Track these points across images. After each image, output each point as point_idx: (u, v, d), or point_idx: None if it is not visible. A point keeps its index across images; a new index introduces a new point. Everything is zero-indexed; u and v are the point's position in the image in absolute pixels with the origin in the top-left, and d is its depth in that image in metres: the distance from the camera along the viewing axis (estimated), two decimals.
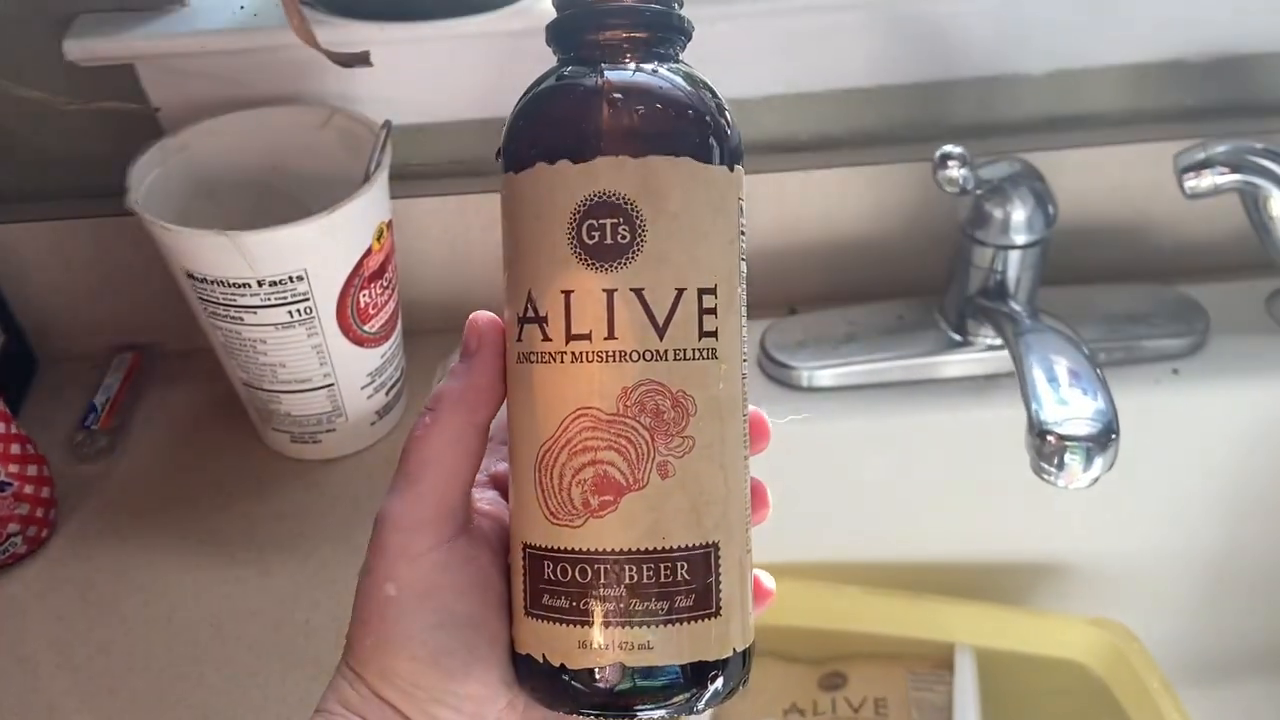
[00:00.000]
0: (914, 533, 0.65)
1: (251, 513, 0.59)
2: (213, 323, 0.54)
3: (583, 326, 0.27)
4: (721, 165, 0.28)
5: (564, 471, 0.27)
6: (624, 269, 0.27)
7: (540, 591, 0.28)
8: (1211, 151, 0.57)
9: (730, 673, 0.28)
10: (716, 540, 0.28)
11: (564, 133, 0.27)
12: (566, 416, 0.27)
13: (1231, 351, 0.61)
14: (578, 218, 0.27)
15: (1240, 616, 0.69)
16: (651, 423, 0.27)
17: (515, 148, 0.28)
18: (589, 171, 0.27)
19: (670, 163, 0.27)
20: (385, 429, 0.62)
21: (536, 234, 0.28)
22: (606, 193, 0.27)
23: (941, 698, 0.62)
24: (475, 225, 0.64)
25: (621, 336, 0.27)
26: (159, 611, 0.54)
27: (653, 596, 0.27)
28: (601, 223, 0.27)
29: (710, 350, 0.28)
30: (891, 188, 0.63)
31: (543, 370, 0.28)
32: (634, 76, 0.27)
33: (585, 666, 0.27)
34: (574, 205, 0.27)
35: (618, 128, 0.27)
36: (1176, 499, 0.64)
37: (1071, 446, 0.44)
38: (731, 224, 0.28)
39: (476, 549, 0.30)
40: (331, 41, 0.54)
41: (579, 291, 0.27)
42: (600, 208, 0.27)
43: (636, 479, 0.27)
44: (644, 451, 0.27)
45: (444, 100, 0.61)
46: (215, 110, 0.58)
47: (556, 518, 0.28)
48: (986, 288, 0.58)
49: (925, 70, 0.62)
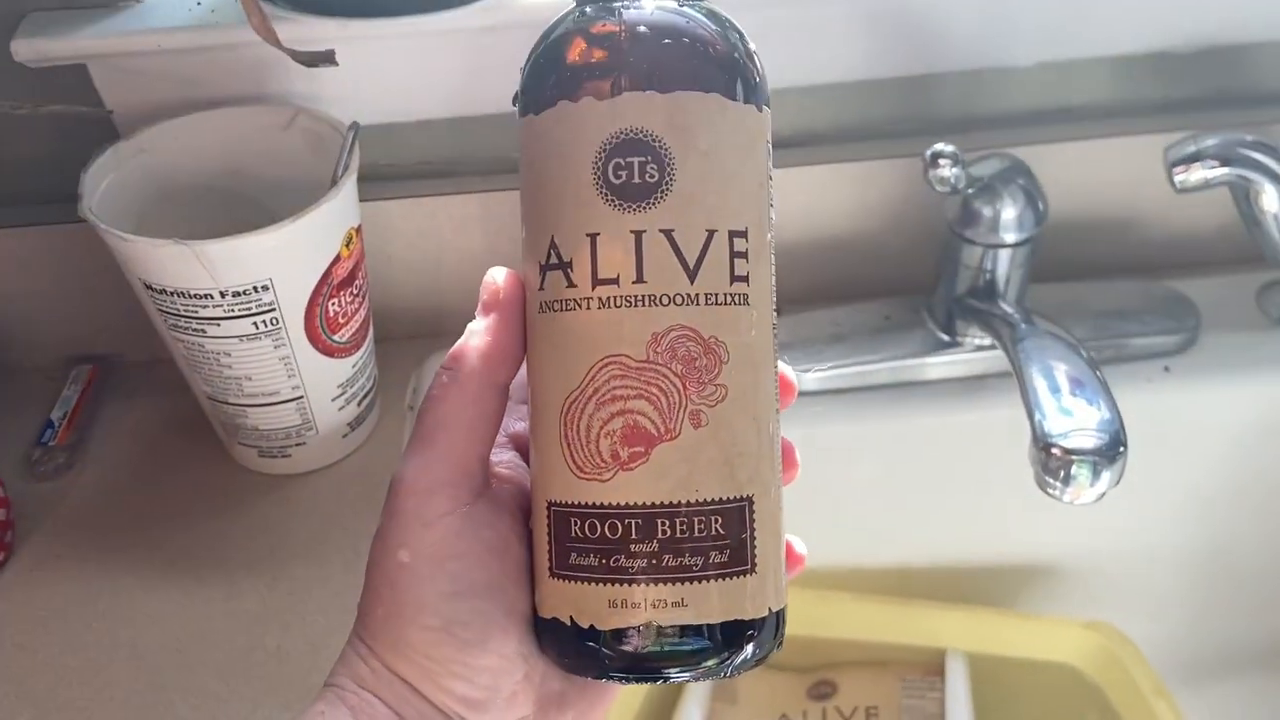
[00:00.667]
0: (903, 537, 0.64)
1: (218, 531, 0.56)
2: (174, 335, 0.52)
3: (610, 270, 0.26)
4: (750, 104, 0.27)
5: (591, 423, 0.26)
6: (652, 209, 0.26)
7: (567, 550, 0.27)
8: (1202, 145, 0.56)
9: (764, 635, 0.27)
10: (751, 494, 0.27)
11: (588, 69, 0.26)
12: (594, 365, 0.26)
13: (1223, 348, 0.60)
14: (603, 156, 0.26)
15: (1234, 615, 0.68)
16: (683, 370, 0.26)
17: (536, 87, 0.27)
18: (615, 108, 0.26)
19: (700, 99, 0.26)
20: (358, 441, 0.60)
21: (559, 176, 0.26)
22: (634, 129, 0.26)
23: (934, 705, 0.61)
24: (448, 228, 0.62)
25: (651, 280, 0.26)
26: (123, 637, 0.52)
27: (686, 552, 0.26)
28: (629, 161, 0.26)
29: (742, 296, 0.26)
30: (877, 184, 0.62)
31: (567, 318, 0.26)
32: (660, 11, 0.26)
33: (616, 626, 0.26)
34: (599, 144, 0.26)
35: (645, 62, 0.26)
36: (1169, 499, 0.64)
37: (1078, 460, 0.42)
38: (761, 166, 0.27)
39: (495, 514, 0.28)
40: (294, 39, 0.51)
41: (605, 234, 0.26)
42: (627, 145, 0.26)
43: (668, 429, 0.26)
44: (676, 400, 0.26)
45: (412, 99, 0.59)
46: (173, 112, 0.55)
47: (584, 471, 0.26)
48: (976, 287, 0.57)
49: (910, 64, 0.60)
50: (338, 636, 0.50)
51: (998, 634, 0.62)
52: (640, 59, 0.26)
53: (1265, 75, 0.63)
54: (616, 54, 0.26)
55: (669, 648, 0.26)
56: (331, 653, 0.50)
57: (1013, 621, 0.63)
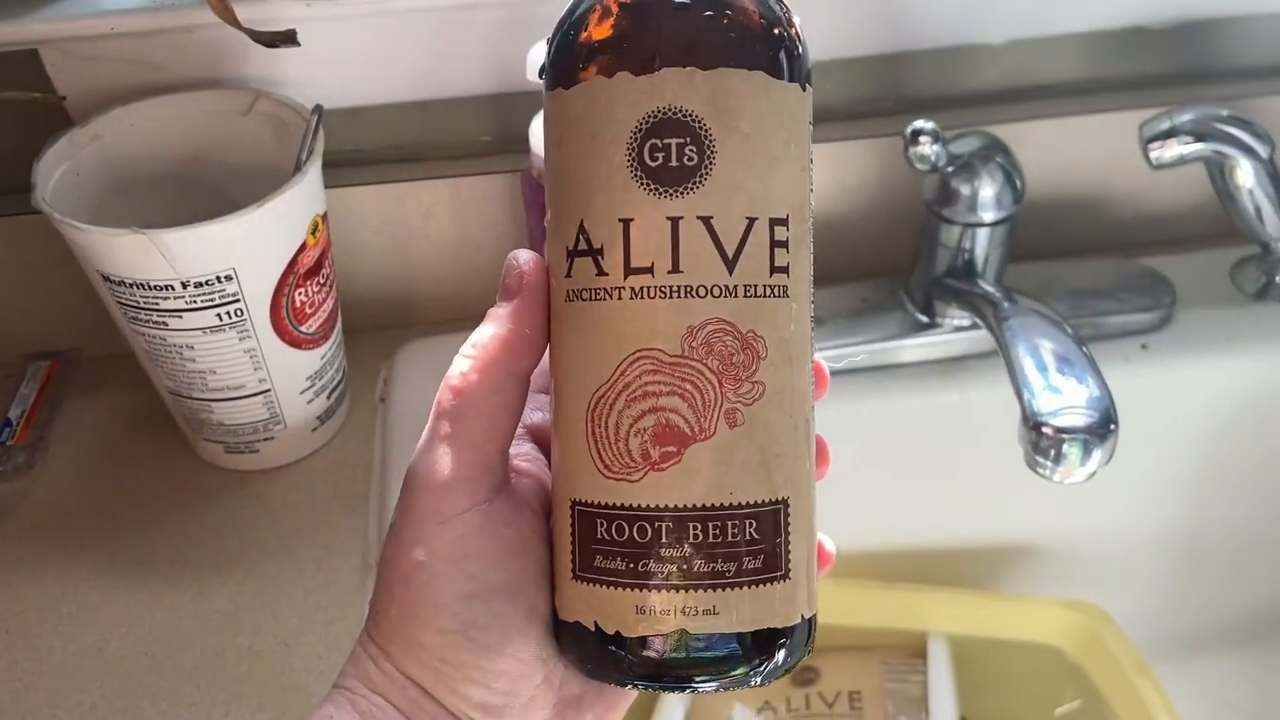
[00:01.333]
0: (883, 520, 0.64)
1: (185, 530, 0.55)
2: (134, 328, 0.50)
3: (644, 259, 0.24)
4: (794, 83, 0.25)
5: (621, 420, 0.25)
6: (690, 194, 0.24)
7: (592, 553, 0.25)
8: (1177, 120, 0.55)
9: (795, 642, 0.26)
10: (786, 496, 0.25)
11: (624, 42, 0.24)
12: (624, 359, 0.25)
13: (1200, 325, 0.60)
14: (639, 137, 0.24)
15: (1212, 591, 0.68)
16: (719, 366, 0.25)
17: (566, 60, 0.25)
18: (653, 84, 0.24)
19: (744, 77, 0.24)
20: (328, 434, 0.58)
21: (591, 156, 0.25)
22: (673, 108, 0.24)
23: (916, 688, 0.61)
24: (417, 214, 0.60)
25: (687, 270, 0.24)
26: (88, 642, 0.50)
27: (719, 557, 0.25)
28: (666, 142, 0.24)
29: (782, 288, 0.25)
30: (853, 165, 0.61)
31: (597, 308, 0.25)
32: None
33: (643, 634, 0.25)
34: (635, 123, 0.24)
35: (686, 36, 0.24)
36: (1148, 477, 0.64)
37: (1069, 439, 0.42)
38: (804, 149, 0.26)
39: (515, 510, 0.27)
40: (254, 20, 0.50)
41: (640, 219, 0.24)
42: (665, 125, 0.24)
43: (702, 428, 0.24)
44: (711, 398, 0.24)
45: (379, 81, 0.58)
46: (128, 97, 0.54)
47: (612, 471, 0.25)
48: (954, 267, 0.56)
49: (884, 42, 0.60)
50: (311, 635, 0.50)
51: (979, 616, 0.62)
52: (681, 33, 0.24)
53: (1239, 50, 0.63)
54: (656, 27, 0.24)
55: (696, 656, 0.25)
56: (304, 653, 0.49)
57: (994, 603, 0.63)
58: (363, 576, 0.52)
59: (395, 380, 0.60)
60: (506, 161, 0.59)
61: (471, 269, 0.63)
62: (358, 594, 0.51)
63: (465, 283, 0.63)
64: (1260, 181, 0.56)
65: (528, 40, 0.53)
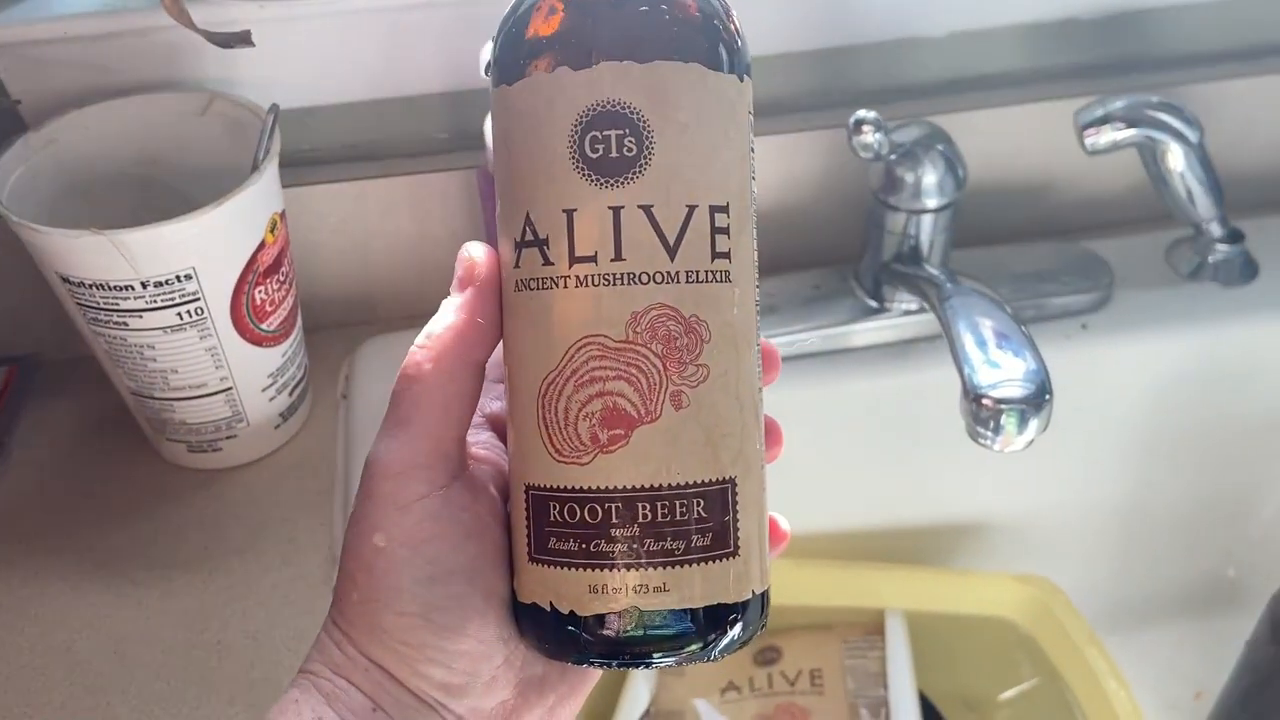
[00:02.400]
0: (839, 501, 0.65)
1: (150, 530, 0.55)
2: (94, 329, 0.51)
3: (587, 247, 0.25)
4: (732, 74, 0.26)
5: (570, 404, 0.25)
6: (631, 184, 0.25)
7: (546, 535, 0.26)
8: (1110, 108, 0.57)
9: (749, 617, 0.27)
10: (733, 475, 0.26)
11: (562, 37, 0.25)
12: (571, 345, 0.25)
13: (1137, 304, 0.62)
14: (579, 129, 0.25)
15: (1156, 562, 0.71)
16: (663, 350, 0.25)
17: (508, 57, 0.26)
18: (591, 78, 0.25)
19: (679, 69, 0.25)
20: (291, 431, 0.59)
21: (534, 150, 0.26)
22: (611, 101, 0.25)
23: (875, 664, 0.62)
24: (375, 212, 0.61)
25: (630, 257, 0.25)
26: (56, 642, 0.51)
27: (668, 536, 0.25)
28: (606, 134, 0.25)
29: (724, 273, 0.26)
30: (801, 156, 0.62)
31: (544, 297, 0.26)
32: None
33: (597, 612, 0.26)
34: (575, 116, 0.25)
35: (622, 30, 0.25)
36: (1092, 452, 0.66)
37: (1006, 410, 0.44)
38: (743, 138, 0.27)
39: (472, 496, 0.28)
40: (208, 21, 0.50)
41: (582, 210, 0.25)
42: (604, 118, 0.25)
43: (649, 411, 0.25)
44: (656, 381, 0.25)
45: (334, 81, 0.58)
46: (83, 100, 0.54)
47: (562, 454, 0.26)
48: (901, 253, 0.58)
49: (830, 36, 0.61)
50: (279, 629, 0.50)
51: (934, 591, 0.64)
52: (617, 27, 0.25)
53: (1168, 38, 0.65)
54: (593, 22, 0.25)
55: (651, 633, 0.26)
56: (273, 646, 0.50)
57: (948, 579, 0.65)
58: (329, 570, 0.53)
59: (357, 376, 0.61)
60: (463, 158, 0.60)
61: (430, 265, 0.63)
62: (324, 587, 0.52)
63: (425, 279, 0.64)
64: (1190, 165, 0.59)
65: (481, 38, 0.54)
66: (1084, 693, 0.58)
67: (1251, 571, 0.71)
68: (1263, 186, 0.69)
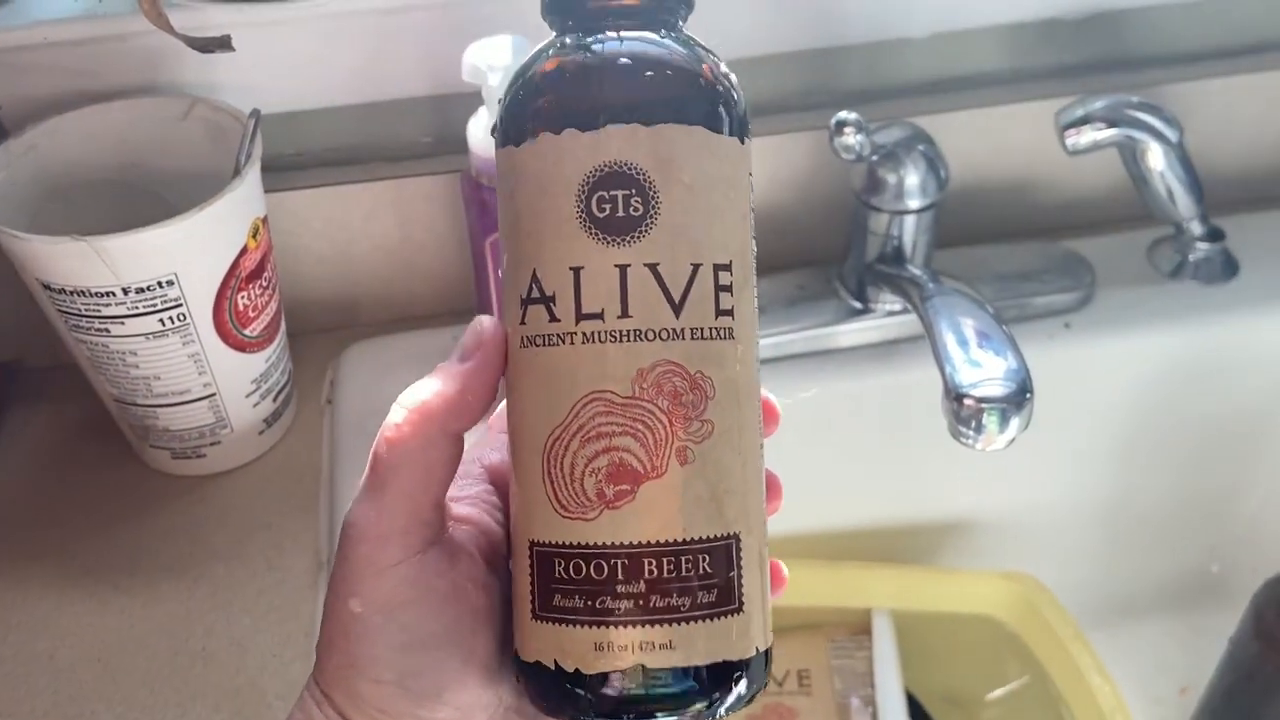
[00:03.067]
0: (824, 501, 0.65)
1: (134, 537, 0.55)
2: (76, 336, 0.50)
3: (594, 305, 0.25)
4: (733, 137, 0.27)
5: (576, 460, 0.26)
6: (637, 243, 0.25)
7: (551, 592, 0.26)
8: (1090, 108, 0.58)
9: (753, 674, 0.27)
10: (737, 531, 0.26)
11: (571, 101, 0.26)
12: (578, 401, 0.26)
13: (1119, 303, 0.63)
14: (587, 189, 0.25)
15: (1140, 558, 0.71)
16: (669, 405, 0.26)
17: (516, 119, 0.27)
18: (599, 140, 0.25)
19: (684, 131, 0.26)
20: (275, 437, 0.59)
21: (541, 208, 0.26)
22: (618, 163, 0.25)
23: (862, 663, 0.62)
24: (357, 216, 0.61)
25: (636, 314, 0.25)
26: (39, 650, 0.50)
27: (674, 592, 0.25)
28: (613, 194, 0.25)
29: (727, 330, 0.26)
30: (784, 157, 0.63)
31: (550, 353, 0.26)
32: (642, 43, 0.26)
33: (602, 670, 0.26)
34: (583, 176, 0.25)
35: (628, 94, 0.26)
36: (1075, 449, 0.66)
37: (988, 409, 0.44)
38: (744, 198, 0.27)
39: (450, 561, 0.27)
40: (188, 26, 0.50)
41: (589, 268, 0.25)
42: (611, 178, 0.25)
43: (654, 466, 0.25)
44: (662, 437, 0.26)
45: (316, 85, 0.58)
46: (63, 106, 0.54)
47: (568, 510, 0.26)
48: (884, 253, 0.58)
49: (811, 37, 0.61)
50: (264, 635, 0.50)
51: (920, 590, 0.64)
52: (625, 91, 0.26)
53: (1148, 39, 0.66)
54: (600, 86, 0.26)
55: (656, 691, 0.26)
56: (258, 652, 0.49)
57: (934, 577, 0.65)
58: (315, 575, 0.53)
59: (341, 381, 0.61)
60: (446, 162, 0.60)
61: (414, 269, 0.63)
62: (310, 592, 0.52)
63: (408, 283, 0.64)
64: (1171, 165, 0.59)
65: (463, 42, 0.53)
66: (1069, 689, 0.59)
67: (1235, 567, 0.71)
68: (1242, 185, 0.70)
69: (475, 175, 0.55)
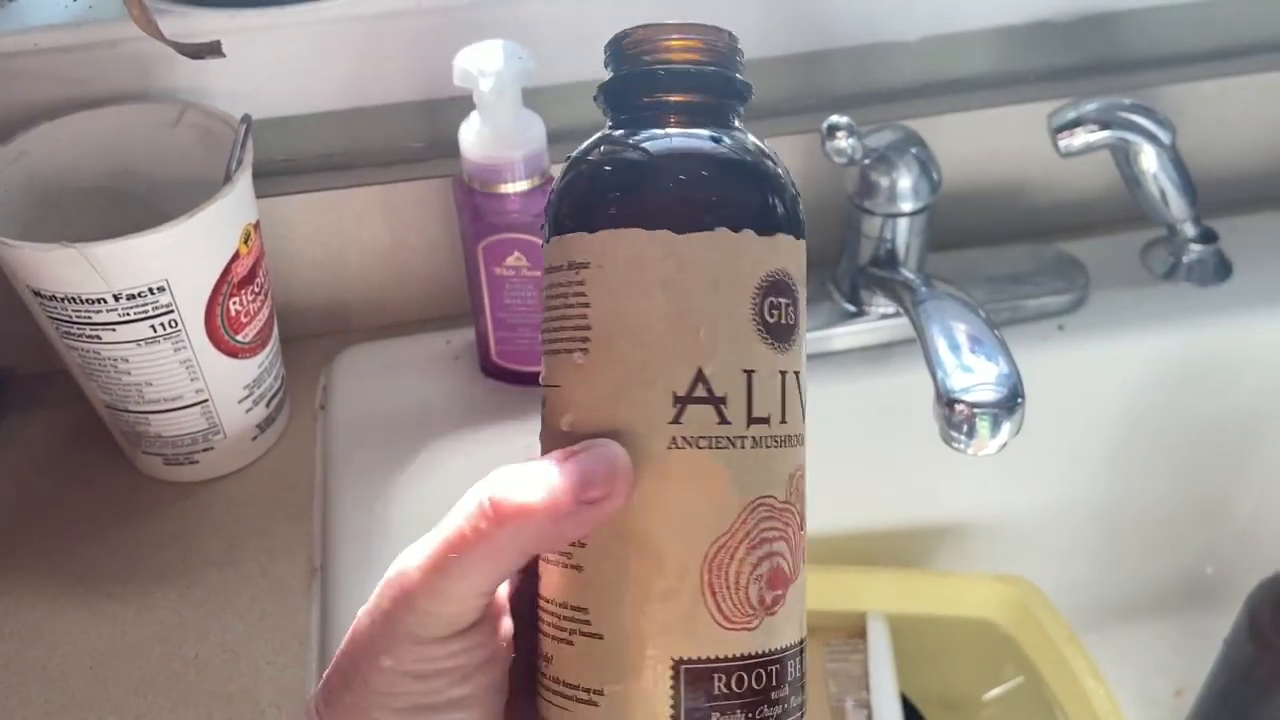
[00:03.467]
0: (819, 505, 0.65)
1: (126, 544, 0.55)
2: (67, 343, 0.50)
3: (764, 409, 0.26)
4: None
5: (742, 568, 0.25)
6: (791, 350, 0.27)
7: (706, 712, 0.25)
8: (1082, 110, 0.58)
9: None
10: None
11: (751, 200, 0.26)
12: (746, 506, 0.25)
13: (1112, 305, 0.63)
14: (761, 293, 0.26)
15: (1135, 561, 0.71)
16: (801, 509, 0.27)
17: (685, 205, 0.26)
18: (773, 246, 0.26)
19: (803, 246, 0.28)
20: (268, 443, 0.59)
21: (712, 305, 0.26)
22: (782, 271, 0.26)
23: (857, 667, 0.62)
24: (349, 221, 0.61)
25: (791, 420, 0.26)
26: (31, 658, 0.50)
27: (800, 690, 0.27)
28: (780, 301, 0.26)
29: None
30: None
31: (716, 455, 0.25)
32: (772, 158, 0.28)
33: None
34: (759, 280, 0.26)
35: (792, 207, 0.27)
36: (1069, 452, 0.66)
37: (980, 414, 0.44)
38: None
39: (489, 633, 0.27)
40: (179, 33, 0.50)
41: (761, 371, 0.26)
42: (778, 286, 0.26)
43: (795, 569, 0.26)
44: (799, 540, 0.27)
45: (306, 91, 0.58)
46: (53, 113, 0.53)
47: (732, 621, 0.25)
48: (877, 256, 0.58)
49: (803, 41, 0.61)
50: (257, 641, 0.50)
51: (914, 593, 0.64)
52: (789, 203, 0.27)
53: (1140, 40, 0.66)
54: (776, 193, 0.26)
55: None
56: (251, 659, 0.49)
57: (928, 580, 0.65)
58: (308, 581, 0.53)
59: (334, 387, 0.61)
60: (438, 167, 0.60)
61: (407, 274, 0.63)
62: (303, 599, 0.52)
63: (401, 287, 0.64)
64: (1163, 166, 0.59)
65: (454, 47, 0.53)
66: (1064, 692, 0.59)
67: (1230, 569, 0.71)
68: (1235, 186, 0.70)
69: (467, 180, 0.55)
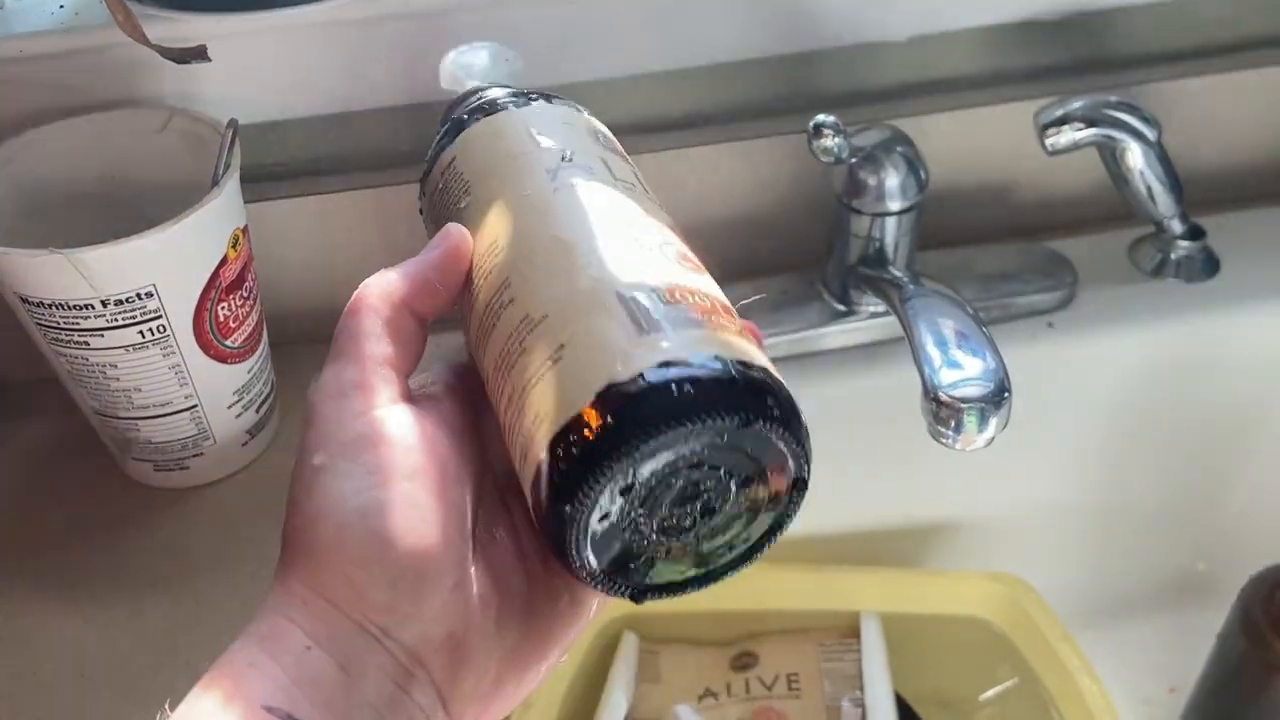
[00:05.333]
0: (811, 505, 0.65)
1: (116, 551, 0.54)
2: (55, 350, 0.50)
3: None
4: None
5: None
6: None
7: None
8: (1069, 108, 0.58)
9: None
10: None
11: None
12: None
13: (1101, 302, 0.63)
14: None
15: (1126, 558, 0.71)
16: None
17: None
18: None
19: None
20: (258, 449, 0.59)
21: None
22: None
23: (851, 666, 0.62)
24: (338, 226, 0.61)
25: None
26: (22, 666, 0.50)
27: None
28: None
29: None
30: (766, 161, 0.63)
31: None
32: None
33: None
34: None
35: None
36: (1060, 449, 0.66)
37: (966, 409, 0.44)
38: None
39: (418, 415, 0.27)
40: (165, 38, 0.50)
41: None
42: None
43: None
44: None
45: (295, 95, 0.58)
46: (39, 119, 0.53)
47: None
48: (866, 256, 0.58)
49: (791, 42, 0.61)
50: None
51: (908, 592, 0.64)
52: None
53: (1126, 39, 0.66)
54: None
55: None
56: None
57: (921, 579, 0.65)
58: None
59: None
60: None
61: None
62: None
63: None
64: (1150, 163, 0.59)
65: (441, 51, 0.54)
66: (1058, 690, 0.59)
67: (1221, 565, 0.71)
68: (1221, 183, 0.70)
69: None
